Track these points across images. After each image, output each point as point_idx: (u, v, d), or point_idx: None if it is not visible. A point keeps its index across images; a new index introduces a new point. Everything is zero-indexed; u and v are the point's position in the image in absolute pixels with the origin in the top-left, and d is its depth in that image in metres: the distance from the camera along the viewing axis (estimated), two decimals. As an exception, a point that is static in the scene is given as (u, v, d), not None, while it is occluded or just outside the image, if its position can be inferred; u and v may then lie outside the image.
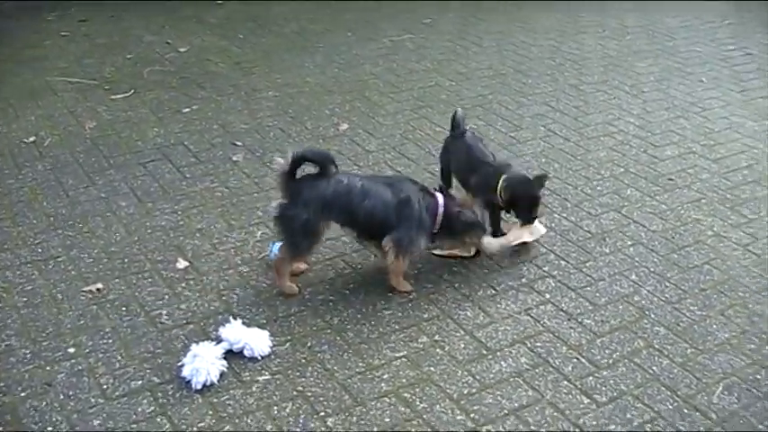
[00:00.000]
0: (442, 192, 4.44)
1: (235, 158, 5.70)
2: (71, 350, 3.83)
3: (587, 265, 4.64)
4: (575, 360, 3.90)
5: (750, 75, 7.77)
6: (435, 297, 4.31)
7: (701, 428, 3.53)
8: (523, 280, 4.48)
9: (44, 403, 3.52)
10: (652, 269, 4.64)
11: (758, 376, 3.87)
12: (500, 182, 4.56)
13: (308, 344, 3.94)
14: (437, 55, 7.91)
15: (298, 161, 4.11)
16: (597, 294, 4.39)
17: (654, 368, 3.88)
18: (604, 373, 3.83)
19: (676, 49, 8.42)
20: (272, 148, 5.80)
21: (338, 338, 3.98)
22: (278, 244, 4.45)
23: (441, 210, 4.32)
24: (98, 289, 4.26)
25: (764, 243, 4.96)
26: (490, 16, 9.23)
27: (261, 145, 5.89)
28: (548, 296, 4.36)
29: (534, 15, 9.34)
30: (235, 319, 3.95)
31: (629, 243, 4.88)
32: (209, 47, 7.88)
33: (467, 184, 4.81)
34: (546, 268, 4.59)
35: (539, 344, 4.00)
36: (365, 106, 6.61)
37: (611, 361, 3.91)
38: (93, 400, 3.54)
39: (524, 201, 4.61)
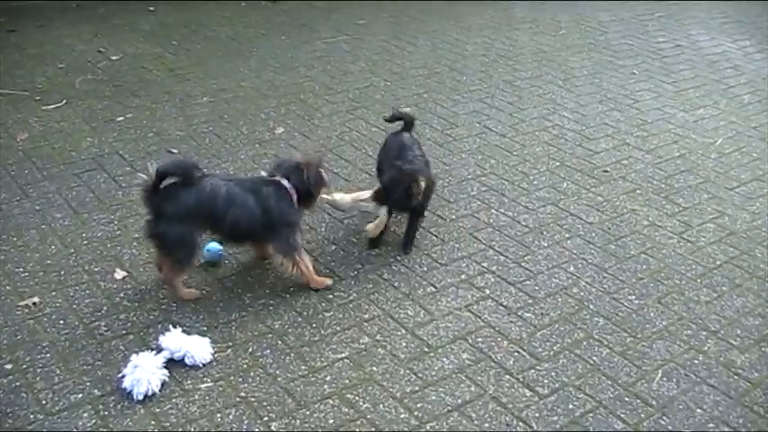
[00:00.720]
0: (279, 174, 4.34)
1: (171, 166, 5.64)
2: (8, 366, 3.75)
3: (526, 259, 4.68)
4: (516, 354, 3.93)
5: (680, 66, 7.91)
6: (375, 297, 4.31)
7: (642, 415, 3.59)
8: (463, 276, 4.50)
9: (-19, 421, 3.46)
10: (590, 260, 4.70)
11: (695, 361, 3.94)
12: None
13: (250, 349, 3.92)
14: (372, 55, 7.92)
15: (161, 176, 4.04)
16: (536, 288, 4.43)
17: (594, 358, 3.93)
18: (546, 365, 3.87)
19: (608, 42, 8.53)
20: (207, 154, 5.75)
21: (280, 342, 3.97)
22: (211, 244, 4.53)
23: (293, 191, 4.28)
24: (34, 303, 4.19)
25: (698, 231, 5.05)
26: (424, 15, 9.27)
27: (197, 151, 5.84)
28: (488, 291, 4.38)
29: (467, 13, 9.39)
30: (175, 327, 3.92)
31: (567, 236, 4.93)
32: (143, 54, 7.79)
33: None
34: (485, 264, 4.62)
35: (480, 339, 4.02)
36: (301, 109, 6.59)
37: (551, 353, 3.95)
38: (32, 416, 3.48)
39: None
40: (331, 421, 3.50)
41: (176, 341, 3.81)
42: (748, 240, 4.98)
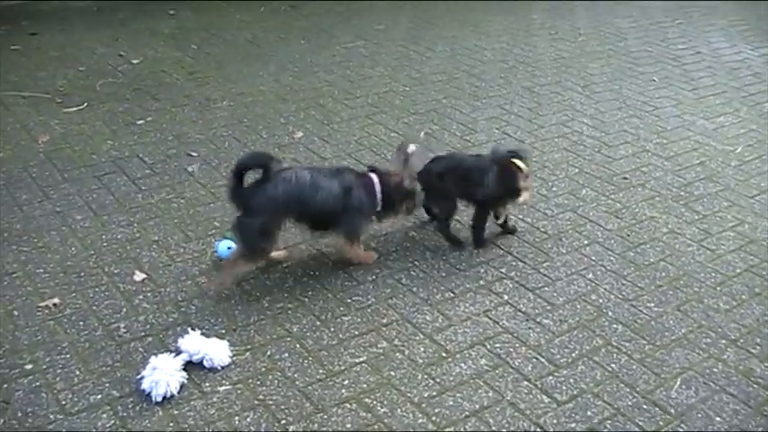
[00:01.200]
0: (374, 171, 4.62)
1: (190, 169, 5.67)
2: (28, 366, 3.78)
3: (544, 265, 4.68)
4: (534, 360, 3.93)
5: (700, 73, 7.88)
6: (393, 302, 4.31)
7: (661, 423, 3.57)
8: (481, 282, 4.50)
9: (2, 421, 3.47)
10: (609, 267, 4.68)
11: (715, 370, 3.92)
12: None
13: (268, 352, 3.93)
14: (391, 60, 7.93)
15: (240, 171, 4.23)
16: (555, 294, 4.43)
17: (612, 365, 3.92)
18: (564, 371, 3.86)
19: (628, 49, 8.52)
20: (227, 158, 5.77)
21: (298, 346, 3.97)
22: (223, 242, 4.59)
23: (378, 188, 4.53)
24: (54, 304, 4.21)
25: (718, 238, 5.03)
26: (442, 21, 9.28)
27: (216, 155, 5.86)
28: (506, 297, 4.38)
29: (486, 19, 9.40)
30: (193, 329, 3.93)
31: (586, 242, 4.92)
32: (163, 58, 7.83)
33: None
34: (503, 270, 4.62)
35: (498, 345, 4.02)
36: (320, 114, 6.60)
37: (570, 360, 3.94)
38: (51, 416, 3.50)
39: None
40: (348, 425, 3.50)
41: (195, 344, 3.82)
42: (768, 249, 4.96)
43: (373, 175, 4.57)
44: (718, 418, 3.62)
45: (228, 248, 4.58)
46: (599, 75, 7.71)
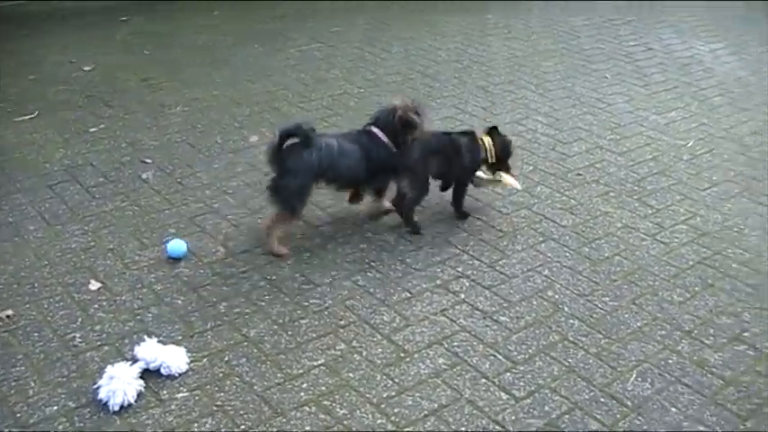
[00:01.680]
0: (374, 124, 4.99)
1: (144, 176, 5.62)
2: (-18, 380, 3.75)
3: (500, 263, 4.70)
4: (492, 357, 3.95)
5: (652, 69, 7.96)
6: (351, 304, 4.31)
7: (618, 416, 3.61)
8: (438, 281, 4.52)
9: (-44, 436, 3.44)
10: (564, 263, 4.72)
11: (669, 361, 3.97)
12: None
13: (226, 358, 3.91)
14: (346, 62, 7.92)
15: (284, 137, 4.61)
16: (511, 291, 4.45)
17: (569, 360, 3.95)
18: (521, 368, 3.89)
19: (580, 47, 8.58)
20: (181, 164, 5.75)
21: (256, 350, 3.96)
22: (172, 241, 4.69)
23: (384, 137, 4.92)
24: (8, 316, 4.16)
25: (671, 232, 5.09)
26: (398, 22, 9.28)
27: (170, 161, 5.83)
28: (463, 296, 4.40)
29: (441, 19, 9.42)
30: (150, 337, 3.91)
31: (541, 239, 4.96)
32: (116, 64, 7.76)
33: None
34: (460, 269, 4.64)
35: (455, 343, 4.04)
36: (274, 117, 6.58)
37: (527, 356, 3.97)
38: (6, 429, 3.46)
39: None
40: (308, 428, 3.50)
41: (152, 351, 3.80)
42: (720, 240, 5.02)
43: (375, 130, 4.94)
44: (673, 409, 3.67)
45: (178, 248, 4.66)
46: (552, 73, 7.77)
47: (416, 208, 5.02)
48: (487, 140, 5.12)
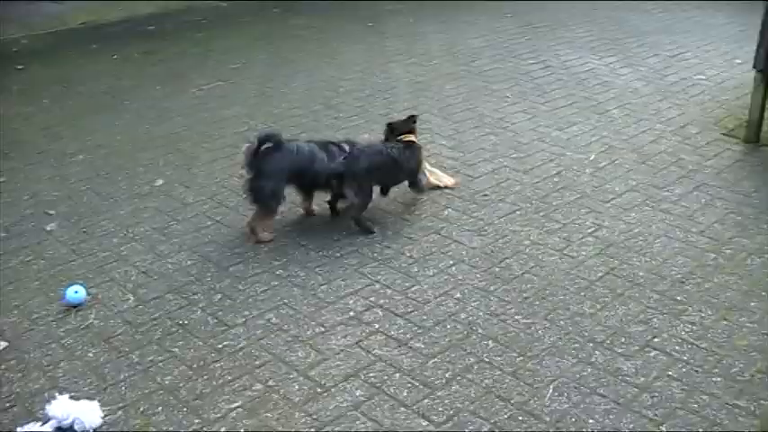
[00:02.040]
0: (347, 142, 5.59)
1: (49, 228, 5.52)
2: None
3: (412, 289, 4.72)
4: (409, 385, 3.95)
5: (551, 86, 8.10)
6: (265, 342, 4.28)
7: (536, 433, 3.65)
8: (351, 313, 4.51)
9: None
10: (475, 285, 4.76)
11: (584, 373, 4.02)
12: None
13: (141, 408, 3.85)
14: (248, 99, 7.90)
15: (261, 142, 5.14)
16: (424, 317, 4.47)
17: (486, 381, 3.97)
18: (439, 393, 3.90)
19: (481, 68, 8.69)
20: (86, 213, 5.66)
21: (172, 398, 3.91)
22: (71, 287, 4.64)
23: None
24: None
25: (578, 245, 5.17)
26: (298, 55, 9.29)
27: (75, 211, 5.73)
28: (376, 326, 4.40)
29: (342, 50, 9.47)
30: (61, 393, 3.80)
31: (452, 262, 4.99)
32: (13, 114, 7.62)
33: None
34: (372, 298, 4.64)
35: (372, 374, 4.03)
36: (179, 159, 6.52)
37: (444, 380, 3.98)
38: None
39: None
40: (227, 473, 3.46)
41: (63, 408, 3.70)
42: (626, 250, 5.11)
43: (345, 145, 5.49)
44: (591, 420, 3.72)
45: (76, 293, 4.62)
46: (455, 95, 7.85)
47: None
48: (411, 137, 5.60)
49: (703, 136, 6.83)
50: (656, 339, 4.28)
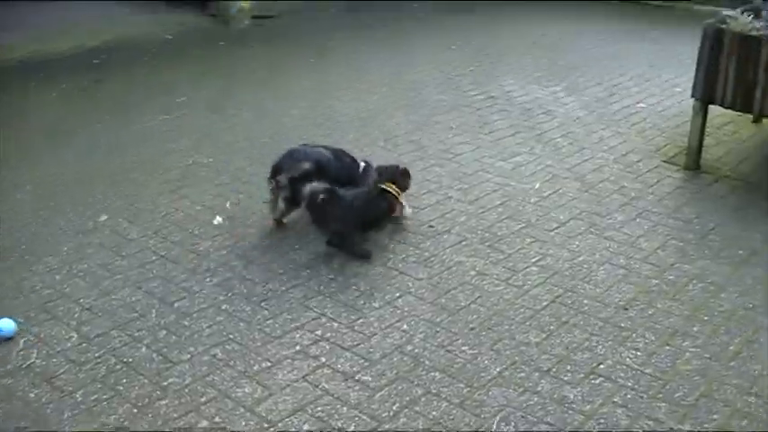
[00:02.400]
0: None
1: (-9, 264, 5.44)
2: None
3: (359, 322, 4.71)
4: (356, 419, 3.94)
5: (495, 117, 8.18)
6: (211, 379, 4.24)
7: (483, 464, 3.66)
8: (297, 347, 4.49)
9: None
10: (422, 316, 4.77)
11: (531, 402, 4.05)
12: None
13: (84, 449, 3.80)
14: (194, 132, 7.83)
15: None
16: (371, 350, 4.47)
17: (434, 413, 3.98)
18: (387, 426, 3.90)
19: (424, 100, 8.73)
20: (28, 249, 5.57)
21: (115, 438, 3.86)
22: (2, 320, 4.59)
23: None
24: None
25: (524, 275, 5.21)
26: (245, 88, 9.26)
27: (16, 246, 5.61)
28: (323, 360, 4.39)
29: (287, 82, 9.45)
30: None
31: (398, 294, 5.00)
32: (-46, 150, 7.50)
33: None
34: (318, 332, 4.63)
35: (319, 408, 4.01)
36: (125, 193, 6.45)
37: (391, 413, 3.98)
38: None
39: None
40: None
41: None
42: (571, 278, 5.17)
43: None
44: (537, 451, 3.74)
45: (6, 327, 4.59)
46: (399, 127, 7.87)
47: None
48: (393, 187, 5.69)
49: (645, 163, 6.95)
50: (601, 366, 4.33)
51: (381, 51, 10.73)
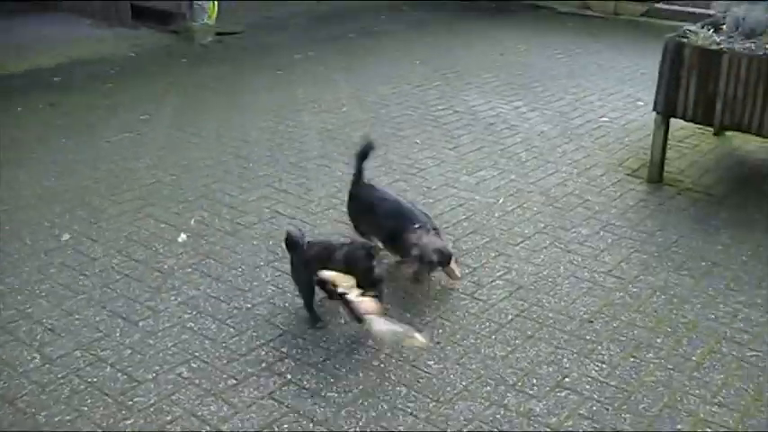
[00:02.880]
0: None
1: (-51, 288, 5.36)
2: None
3: (324, 339, 4.70)
4: (323, 435, 3.94)
5: (459, 131, 8.21)
6: (176, 397, 4.21)
7: (450, 479, 3.66)
8: (263, 364, 4.47)
9: None
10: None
11: (497, 416, 4.06)
12: None
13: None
14: (156, 150, 7.78)
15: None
16: (337, 366, 4.45)
17: (400, 428, 4.00)
18: (353, 442, 3.89)
19: (390, 115, 8.76)
20: (-10, 272, 5.52)
21: (79, 459, 3.82)
22: None
23: None
24: None
25: (489, 289, 5.23)
26: (207, 105, 9.22)
27: (-23, 271, 5.58)
28: (289, 376, 4.37)
29: (251, 98, 9.41)
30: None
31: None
32: None
33: None
34: (284, 349, 4.60)
35: (285, 426, 4.00)
36: (86, 213, 6.38)
37: (357, 429, 3.98)
38: None
39: None
40: None
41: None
42: (536, 292, 5.19)
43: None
44: (504, 465, 3.75)
45: None
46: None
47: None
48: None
49: (608, 177, 7.01)
50: (566, 379, 4.35)
51: (346, 67, 10.74)
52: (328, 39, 12.27)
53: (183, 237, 5.88)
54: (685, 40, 6.57)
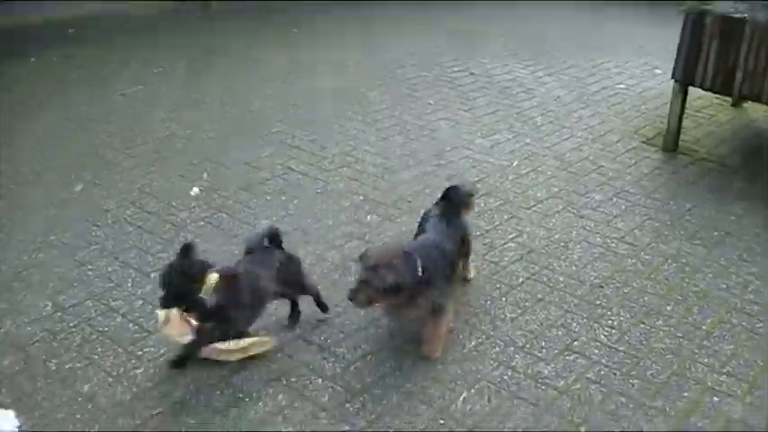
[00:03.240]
0: None
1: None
2: None
3: (335, 295, 4.69)
4: (330, 390, 3.94)
5: (475, 94, 8.18)
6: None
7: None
8: (273, 318, 4.48)
9: None
10: (398, 290, 4.76)
11: (505, 377, 4.07)
12: None
13: (58, 416, 3.76)
14: (170, 104, 7.79)
15: None
16: (347, 322, 4.46)
17: (408, 384, 3.99)
18: (361, 398, 3.90)
19: (405, 76, 8.73)
20: (2, 219, 5.52)
21: (90, 406, 3.81)
22: None
23: None
24: None
25: (500, 251, 5.23)
26: (221, 62, 9.22)
27: (-7, 219, 5.60)
28: (299, 331, 4.38)
29: (265, 57, 9.41)
30: (-27, 404, 3.74)
31: (374, 268, 4.99)
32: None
33: None
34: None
35: (294, 379, 4.01)
36: (100, 165, 6.39)
37: (365, 385, 3.98)
38: None
39: None
40: (145, 481, 3.41)
41: (-24, 418, 3.63)
42: (547, 256, 5.18)
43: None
44: (509, 423, 3.75)
45: None
46: (379, 103, 7.87)
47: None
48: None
49: (623, 144, 6.98)
50: (575, 343, 4.34)
51: (361, 27, 10.74)
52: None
53: (195, 190, 5.88)
54: (707, 7, 6.50)
